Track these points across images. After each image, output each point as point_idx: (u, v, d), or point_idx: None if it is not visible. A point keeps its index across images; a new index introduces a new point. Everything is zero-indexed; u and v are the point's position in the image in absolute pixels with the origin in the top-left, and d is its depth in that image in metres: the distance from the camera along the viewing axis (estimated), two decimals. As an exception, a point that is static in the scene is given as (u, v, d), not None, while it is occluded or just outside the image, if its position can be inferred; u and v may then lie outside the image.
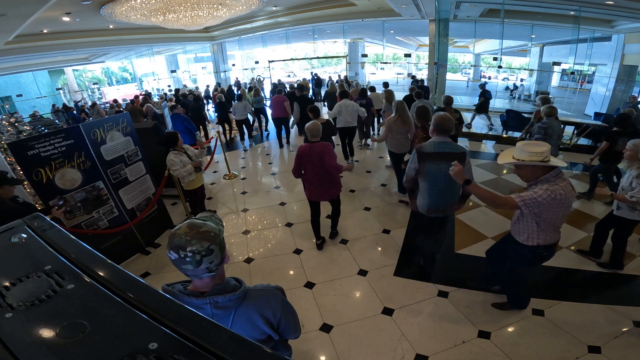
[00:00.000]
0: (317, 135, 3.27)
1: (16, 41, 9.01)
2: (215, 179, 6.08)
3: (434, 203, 2.80)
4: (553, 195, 2.02)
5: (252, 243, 3.99)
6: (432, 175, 2.71)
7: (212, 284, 1.12)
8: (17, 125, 7.72)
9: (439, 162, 2.64)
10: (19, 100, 15.08)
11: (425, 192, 2.81)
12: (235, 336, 0.55)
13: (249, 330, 1.15)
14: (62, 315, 0.57)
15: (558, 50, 13.59)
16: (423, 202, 2.86)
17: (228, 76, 17.37)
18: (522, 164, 2.11)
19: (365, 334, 2.65)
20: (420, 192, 2.88)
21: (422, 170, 2.72)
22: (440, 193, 2.76)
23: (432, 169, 2.69)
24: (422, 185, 2.83)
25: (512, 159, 2.13)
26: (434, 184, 2.74)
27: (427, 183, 2.77)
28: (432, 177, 2.72)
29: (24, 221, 0.88)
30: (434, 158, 2.66)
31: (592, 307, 2.78)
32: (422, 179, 2.78)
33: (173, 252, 1.03)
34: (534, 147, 2.08)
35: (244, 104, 7.61)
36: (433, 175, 2.71)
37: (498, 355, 2.40)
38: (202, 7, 7.86)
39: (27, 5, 5.72)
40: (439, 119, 2.70)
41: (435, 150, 2.68)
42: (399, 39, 19.54)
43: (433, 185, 2.74)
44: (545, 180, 2.10)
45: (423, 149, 2.72)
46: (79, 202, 3.27)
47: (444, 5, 9.53)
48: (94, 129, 3.37)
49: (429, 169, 2.70)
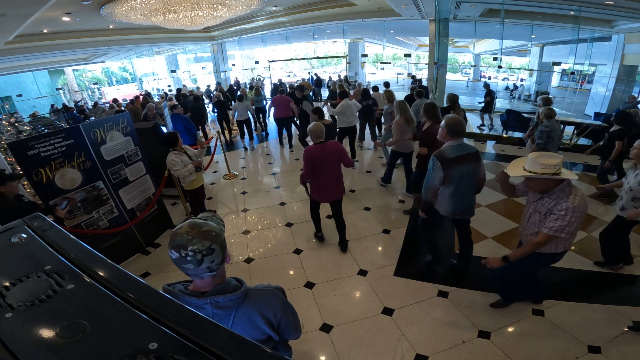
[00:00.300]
0: (321, 136, 3.25)
1: (16, 41, 9.01)
2: (215, 179, 6.08)
3: (459, 206, 2.84)
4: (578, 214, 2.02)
5: (252, 243, 3.99)
6: (456, 179, 2.72)
7: (213, 283, 1.12)
8: (17, 125, 7.71)
9: (461, 166, 2.68)
10: (19, 100, 15.08)
11: (448, 196, 2.81)
12: (235, 336, 0.55)
13: (250, 331, 1.15)
14: (62, 315, 0.57)
15: (558, 50, 13.59)
16: (447, 206, 2.86)
17: (228, 76, 17.36)
18: (535, 177, 2.05)
19: (365, 334, 2.65)
20: (441, 196, 2.86)
21: (447, 175, 2.70)
22: (463, 195, 2.81)
23: (456, 173, 2.70)
24: (444, 190, 2.80)
25: (524, 171, 2.08)
26: (457, 187, 2.76)
27: (452, 187, 2.77)
28: (456, 181, 2.73)
29: (24, 221, 0.88)
30: (457, 162, 2.67)
31: (592, 307, 2.78)
32: (445, 184, 2.76)
33: (174, 251, 1.03)
34: (547, 159, 2.01)
35: (245, 104, 7.61)
36: (457, 179, 2.72)
37: (498, 355, 2.40)
38: (202, 7, 7.86)
39: (27, 5, 5.72)
40: (453, 122, 2.68)
41: (456, 154, 2.67)
42: (399, 39, 19.54)
43: (457, 188, 2.76)
44: (561, 192, 2.07)
45: (445, 154, 2.67)
46: (79, 202, 3.27)
47: (444, 5, 9.53)
48: (94, 129, 3.37)
49: (454, 174, 2.70)
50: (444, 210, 2.90)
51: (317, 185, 3.40)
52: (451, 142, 2.71)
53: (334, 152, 3.23)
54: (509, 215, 4.25)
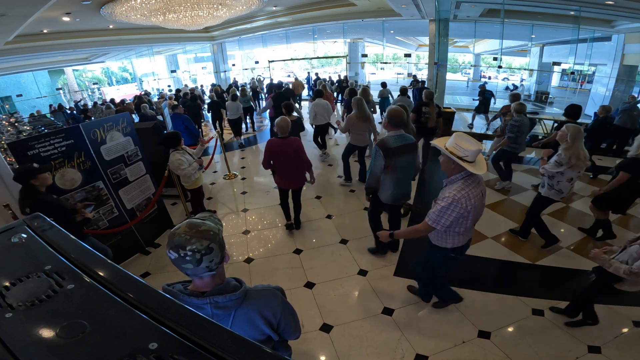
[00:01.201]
0: (286, 131, 3.54)
1: (16, 41, 9.00)
2: (215, 179, 6.08)
3: (399, 192, 3.08)
4: (456, 208, 2.00)
5: (252, 243, 3.99)
6: (397, 167, 2.90)
7: (212, 283, 1.12)
8: (17, 125, 7.71)
9: (401, 155, 2.87)
10: (19, 100, 15.08)
11: (390, 184, 3.00)
12: (235, 336, 0.55)
13: (249, 331, 1.15)
14: (62, 315, 0.57)
15: (558, 50, 13.58)
16: (388, 194, 3.05)
17: (228, 76, 17.36)
18: (444, 152, 2.03)
19: (365, 334, 2.65)
20: (383, 184, 3.03)
21: (389, 164, 2.87)
22: (401, 182, 3.01)
23: (397, 162, 2.88)
24: (386, 178, 2.98)
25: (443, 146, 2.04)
26: (397, 176, 2.95)
27: (393, 175, 2.94)
28: (397, 169, 2.91)
29: (24, 221, 0.88)
30: (398, 152, 2.85)
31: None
32: (387, 173, 2.93)
33: (173, 252, 1.03)
34: (463, 142, 1.96)
35: (237, 104, 7.70)
36: (398, 168, 2.90)
37: (498, 355, 2.40)
38: (202, 7, 7.86)
39: (27, 6, 5.71)
40: (395, 113, 2.84)
41: (397, 144, 2.85)
42: (399, 39, 19.53)
43: (396, 176, 2.95)
44: (456, 180, 2.04)
45: (388, 144, 2.84)
46: (79, 202, 3.26)
47: (444, 5, 9.53)
48: (94, 129, 3.37)
49: (395, 163, 2.87)
50: (385, 197, 3.08)
51: (277, 173, 3.79)
52: (393, 132, 2.89)
53: (292, 147, 3.55)
54: (509, 215, 4.25)
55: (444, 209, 2.03)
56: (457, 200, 1.99)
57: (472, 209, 2.04)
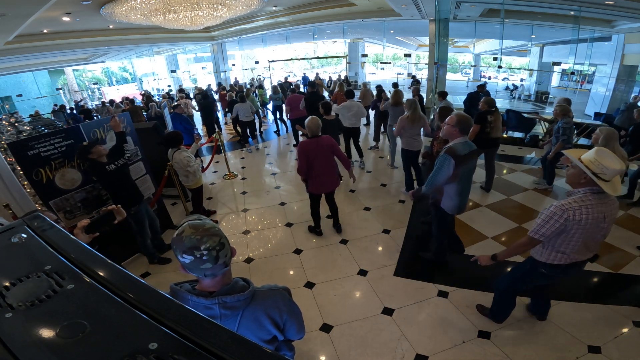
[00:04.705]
0: (317, 132, 3.38)
1: (16, 41, 9.01)
2: (215, 179, 6.08)
3: (463, 202, 2.85)
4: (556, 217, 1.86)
5: (252, 243, 3.99)
6: (464, 176, 2.70)
7: (221, 283, 1.11)
8: (17, 125, 7.70)
9: (468, 163, 2.68)
10: (19, 100, 15.07)
11: (455, 194, 2.77)
12: (236, 336, 0.55)
13: (256, 331, 1.15)
14: (62, 315, 0.57)
15: (558, 50, 13.58)
16: (453, 204, 2.82)
17: (228, 76, 17.37)
18: (577, 164, 1.85)
19: (365, 334, 2.65)
20: (447, 194, 2.80)
21: (457, 173, 2.63)
22: (466, 191, 2.83)
23: (465, 170, 2.68)
24: (452, 188, 2.74)
25: (577, 158, 1.87)
26: (461, 184, 2.75)
27: (460, 185, 2.73)
28: (464, 178, 2.71)
29: (24, 221, 0.88)
30: (466, 159, 2.66)
31: (592, 307, 2.78)
32: (454, 182, 2.70)
33: (187, 255, 1.01)
34: (606, 159, 1.76)
35: (248, 104, 7.38)
36: (465, 176, 2.71)
37: (498, 355, 2.40)
38: (202, 7, 7.86)
39: (27, 5, 5.72)
40: (464, 119, 2.63)
41: (466, 151, 2.64)
42: (399, 39, 19.54)
43: (461, 185, 2.75)
44: (574, 194, 1.89)
45: (458, 151, 2.59)
46: (79, 202, 3.27)
47: (444, 5, 9.53)
48: (94, 129, 3.38)
49: (463, 171, 2.67)
50: (450, 208, 2.85)
51: (312, 177, 3.52)
52: (461, 139, 2.66)
53: (326, 146, 3.39)
54: (509, 215, 4.25)
55: (547, 217, 1.90)
56: (563, 209, 1.83)
57: (583, 226, 1.83)
